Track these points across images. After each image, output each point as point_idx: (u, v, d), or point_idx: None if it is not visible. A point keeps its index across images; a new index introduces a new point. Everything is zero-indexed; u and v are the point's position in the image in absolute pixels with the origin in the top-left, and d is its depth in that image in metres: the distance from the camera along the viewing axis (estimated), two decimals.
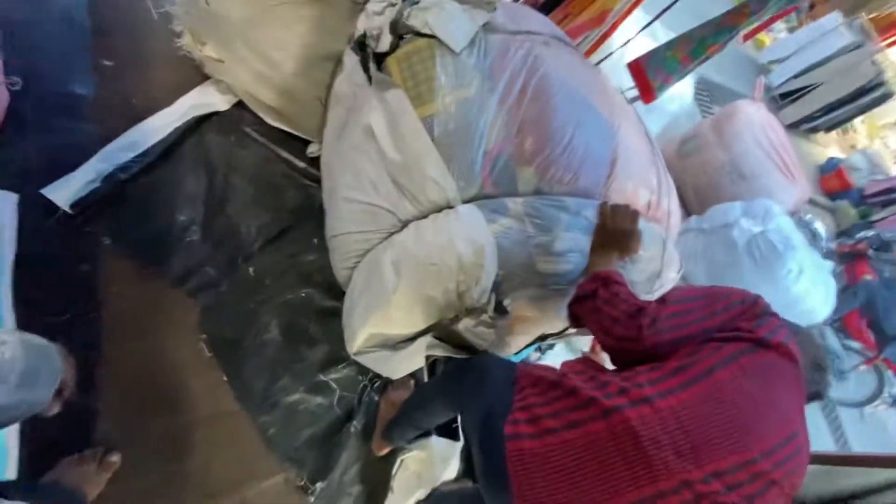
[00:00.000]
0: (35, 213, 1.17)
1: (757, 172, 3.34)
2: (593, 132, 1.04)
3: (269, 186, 1.55)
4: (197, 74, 1.52)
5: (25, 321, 1.10)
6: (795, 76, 5.68)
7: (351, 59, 1.09)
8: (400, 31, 0.97)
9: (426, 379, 1.51)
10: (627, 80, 1.48)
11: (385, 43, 0.98)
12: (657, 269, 1.14)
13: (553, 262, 0.97)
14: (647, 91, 1.43)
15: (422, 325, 1.03)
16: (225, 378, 1.30)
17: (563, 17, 1.52)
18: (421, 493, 1.40)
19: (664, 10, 1.42)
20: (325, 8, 1.10)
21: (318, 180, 1.57)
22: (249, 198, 1.51)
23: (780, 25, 6.34)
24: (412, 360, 1.06)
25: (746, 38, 3.58)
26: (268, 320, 1.40)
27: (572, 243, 0.98)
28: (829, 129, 6.11)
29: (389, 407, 1.42)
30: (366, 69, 1.02)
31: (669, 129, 3.44)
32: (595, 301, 0.81)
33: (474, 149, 0.94)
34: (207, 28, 1.29)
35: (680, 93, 2.94)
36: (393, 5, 1.04)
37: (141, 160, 1.34)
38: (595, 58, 1.74)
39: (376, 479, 1.43)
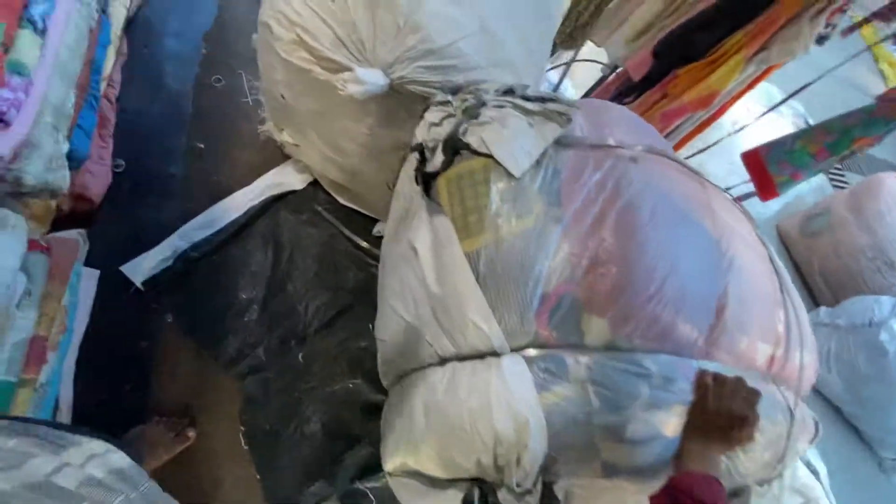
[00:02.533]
0: (111, 288, 1.22)
1: None
2: (695, 271, 0.82)
3: (331, 265, 1.51)
4: (279, 155, 1.57)
5: (82, 393, 1.11)
6: None
7: (411, 163, 1.01)
8: (455, 147, 0.86)
9: None
10: (737, 173, 1.23)
11: (437, 161, 0.87)
12: (780, 451, 0.84)
13: (624, 451, 0.74)
14: (767, 187, 1.17)
15: (455, 476, 0.84)
16: (257, 476, 1.21)
17: (661, 98, 1.33)
18: None
19: (795, 93, 1.16)
20: (393, 103, 1.04)
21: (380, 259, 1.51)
22: (312, 276, 1.47)
23: None
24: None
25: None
26: (310, 413, 1.31)
27: (653, 428, 0.73)
28: None
29: None
30: (417, 181, 0.92)
31: (793, 205, 2.96)
32: None
33: (529, 290, 0.76)
34: (284, 117, 1.32)
35: None
36: (451, 116, 0.93)
37: (214, 238, 1.37)
38: (696, 144, 1.51)
39: None
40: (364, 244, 1.56)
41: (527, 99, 0.90)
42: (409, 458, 0.88)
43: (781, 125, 2.38)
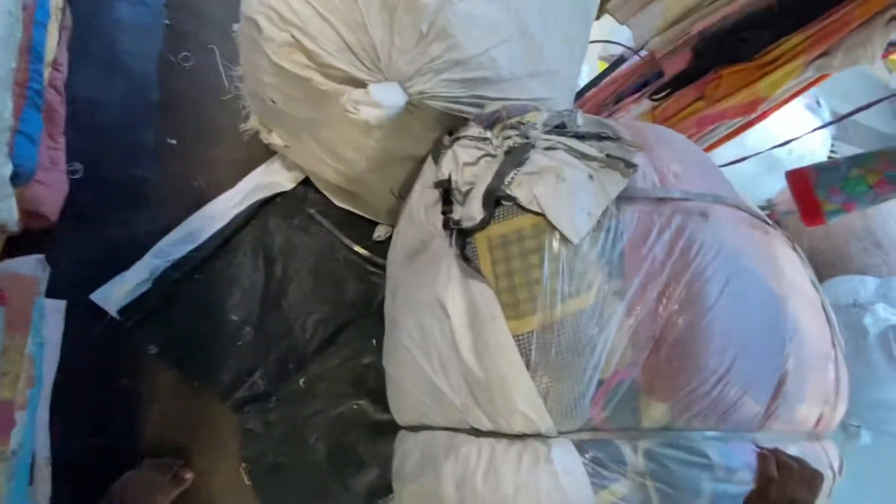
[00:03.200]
0: (81, 321, 1.07)
1: None
2: (762, 346, 0.74)
3: (329, 276, 1.38)
4: (264, 150, 1.37)
5: (62, 442, 1.00)
6: None
7: (432, 193, 0.86)
8: (498, 198, 0.72)
9: None
10: (769, 184, 1.12)
11: (473, 213, 0.73)
12: None
13: None
14: (814, 213, 1.08)
15: None
16: None
17: (696, 99, 1.20)
18: None
19: (854, 112, 1.03)
20: (408, 116, 0.88)
21: (382, 267, 1.39)
22: (308, 290, 1.34)
23: None
24: None
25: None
26: (314, 440, 1.24)
27: None
28: None
29: None
30: (449, 233, 0.78)
31: None
32: None
33: (586, 379, 0.67)
34: (273, 118, 1.13)
35: (812, 150, 2.44)
36: (490, 156, 0.78)
37: (196, 254, 1.21)
38: (728, 151, 1.39)
39: None
40: (363, 251, 1.43)
41: (581, 137, 0.76)
42: None
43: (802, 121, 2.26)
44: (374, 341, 1.36)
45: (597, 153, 0.73)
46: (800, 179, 1.09)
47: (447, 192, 0.80)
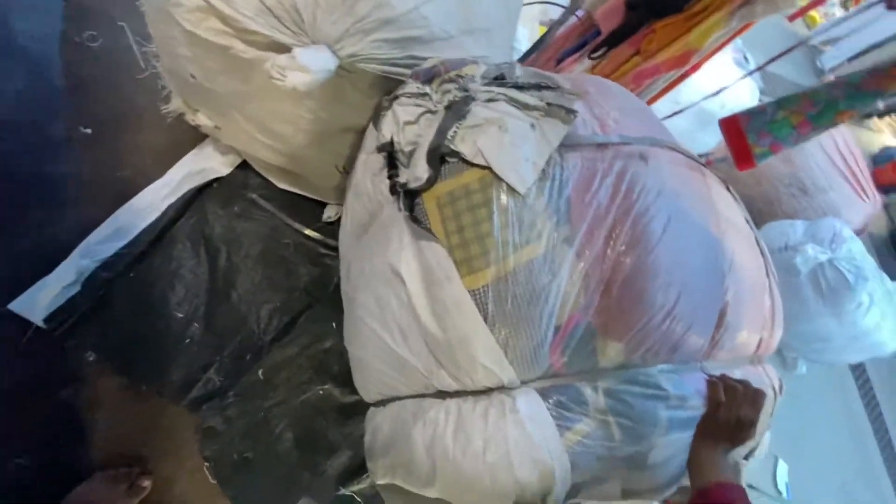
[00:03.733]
0: (4, 334, 0.97)
1: (822, 186, 2.96)
2: (703, 281, 0.78)
3: (279, 263, 1.32)
4: (194, 134, 1.28)
5: (3, 466, 0.92)
6: (851, 58, 5.15)
7: (376, 160, 0.83)
8: (443, 155, 0.70)
9: None
10: (703, 140, 1.16)
11: (419, 173, 0.70)
12: (766, 425, 0.89)
13: (644, 477, 0.72)
14: (745, 157, 1.13)
15: None
16: None
17: (633, 55, 1.21)
18: None
19: (779, 56, 1.08)
20: (340, 82, 0.83)
21: (335, 249, 1.34)
22: (258, 279, 1.28)
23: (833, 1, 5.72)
24: None
25: (794, 17, 3.12)
26: (281, 430, 1.20)
27: (672, 449, 0.72)
28: (882, 115, 5.58)
29: None
30: (396, 197, 0.75)
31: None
32: None
33: (543, 326, 0.68)
34: (197, 96, 1.04)
35: (742, 104, 2.56)
36: (430, 113, 0.75)
37: (129, 250, 1.12)
38: (663, 106, 1.43)
39: None
40: (313, 234, 1.37)
41: (521, 88, 0.74)
42: (410, 486, 0.82)
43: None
44: (334, 324, 1.33)
45: (537, 102, 0.72)
46: (731, 125, 1.14)
47: (391, 156, 0.77)
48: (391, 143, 0.76)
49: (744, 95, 2.59)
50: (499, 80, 0.77)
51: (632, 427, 0.69)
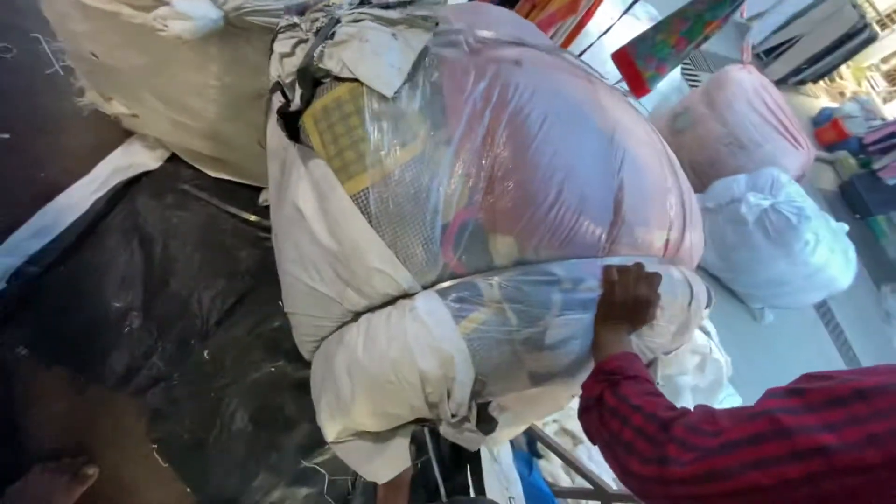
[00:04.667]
0: None
1: (757, 140, 3.11)
2: (591, 171, 0.79)
3: (218, 248, 1.33)
4: (119, 132, 1.30)
5: None
6: (776, 30, 5.49)
7: (274, 110, 0.86)
8: (315, 76, 0.73)
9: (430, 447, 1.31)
10: (615, 73, 1.26)
11: (297, 97, 0.75)
12: (683, 322, 0.92)
13: (546, 358, 0.73)
14: (638, 83, 1.21)
15: (394, 425, 0.81)
16: (189, 490, 1.09)
17: (531, 9, 1.29)
18: None
19: None
20: (239, 43, 0.87)
21: None
22: (196, 266, 1.29)
23: None
24: (395, 462, 0.84)
25: None
26: (233, 409, 1.19)
27: (569, 329, 0.73)
28: (816, 79, 5.92)
29: (389, 489, 1.21)
30: (282, 126, 0.79)
31: (660, 106, 3.21)
32: (602, 412, 0.58)
33: (428, 224, 0.69)
34: (105, 81, 1.07)
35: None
36: (303, 42, 0.77)
37: (56, 245, 1.12)
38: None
39: None
40: (252, 217, 1.39)
41: (386, 7, 0.78)
42: (345, 421, 0.82)
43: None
44: (280, 303, 1.34)
45: (399, 16, 0.76)
46: (622, 57, 1.22)
47: (283, 94, 0.81)
48: (278, 81, 0.80)
49: None
50: (365, 2, 0.81)
51: (526, 310, 0.70)
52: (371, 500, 1.24)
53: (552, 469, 1.49)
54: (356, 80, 0.70)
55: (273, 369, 1.28)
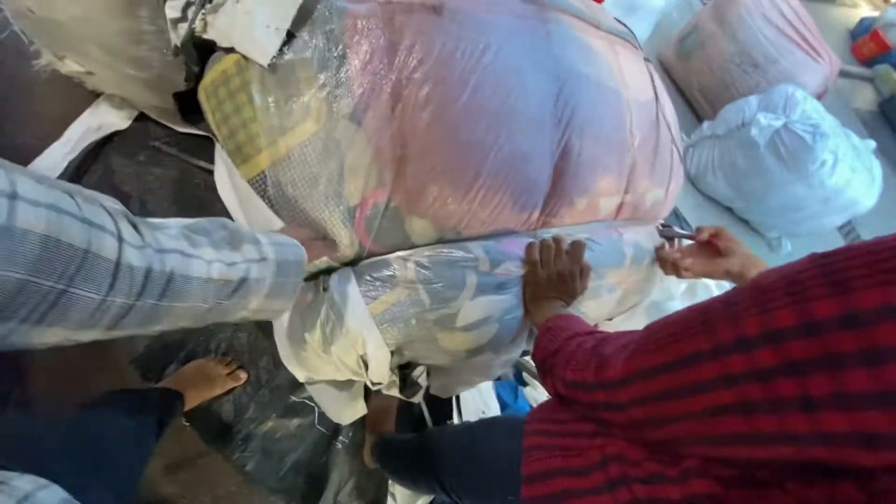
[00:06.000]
0: None
1: (772, 56, 2.87)
2: (524, 140, 0.70)
3: (193, 203, 1.37)
4: (85, 94, 1.32)
5: None
6: None
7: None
8: (203, 47, 0.67)
9: None
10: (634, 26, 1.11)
11: (189, 73, 0.70)
12: (635, 283, 0.89)
13: (460, 337, 0.71)
14: None
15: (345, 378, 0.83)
16: (186, 422, 1.19)
17: None
18: (425, 499, 1.28)
19: None
20: None
21: None
22: None
23: None
24: (355, 407, 0.89)
25: None
26: (223, 350, 1.27)
27: (484, 310, 0.70)
28: None
29: (377, 414, 1.28)
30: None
31: (662, 27, 2.98)
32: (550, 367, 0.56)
33: (333, 207, 0.65)
34: (52, 38, 1.08)
35: None
36: (191, 5, 0.68)
37: None
38: None
39: (374, 491, 1.32)
40: None
41: None
42: (299, 371, 0.86)
43: None
44: None
45: None
46: None
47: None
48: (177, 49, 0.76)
49: None
50: None
51: (438, 290, 0.68)
52: (360, 428, 1.32)
53: (536, 395, 1.53)
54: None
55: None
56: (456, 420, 1.33)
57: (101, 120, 1.31)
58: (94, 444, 0.65)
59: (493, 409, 1.37)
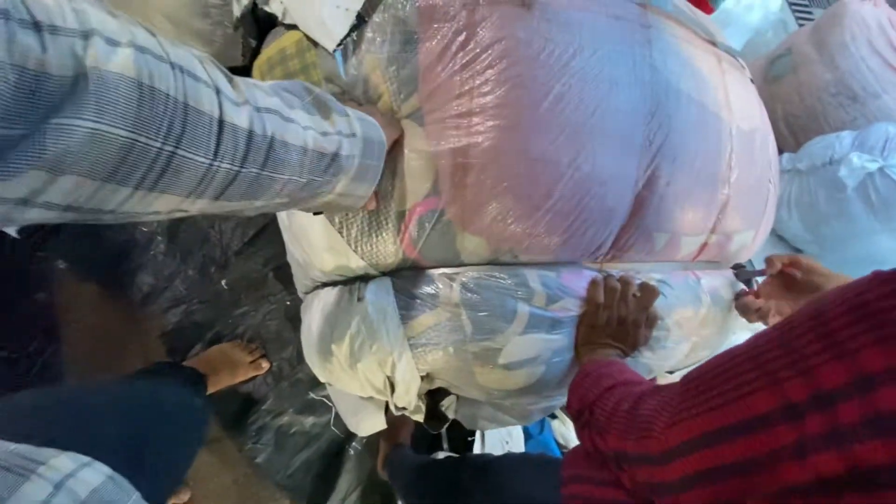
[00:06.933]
0: None
1: (874, 90, 2.56)
2: (607, 162, 0.59)
3: None
4: None
5: None
6: None
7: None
8: (262, 21, 0.62)
9: None
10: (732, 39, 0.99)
11: (245, 47, 0.64)
12: (709, 333, 0.77)
13: (499, 375, 0.62)
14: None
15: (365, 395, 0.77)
16: None
17: None
18: None
19: None
20: None
21: None
22: None
23: None
24: (374, 420, 0.83)
25: None
26: (248, 337, 1.25)
27: (531, 350, 0.61)
28: None
29: (394, 424, 1.22)
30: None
31: (753, 44, 2.75)
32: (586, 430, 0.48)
33: (380, 211, 0.59)
34: (115, 2, 1.08)
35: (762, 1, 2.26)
36: None
37: None
38: None
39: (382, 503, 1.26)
40: None
41: None
42: (323, 375, 0.81)
43: None
44: None
45: None
46: None
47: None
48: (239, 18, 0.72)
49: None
50: None
51: (483, 319, 0.60)
52: (375, 434, 1.27)
53: (564, 430, 1.42)
54: None
55: (288, 302, 1.31)
56: (477, 447, 1.24)
57: None
58: (151, 414, 0.62)
59: (517, 441, 1.28)
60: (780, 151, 2.83)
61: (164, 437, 0.61)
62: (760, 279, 0.84)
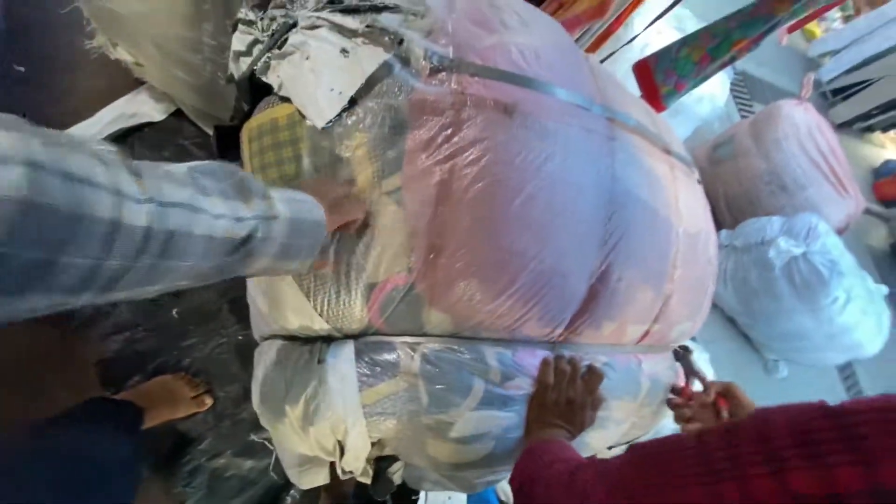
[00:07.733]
0: None
1: (801, 183, 2.90)
2: (566, 258, 0.65)
3: None
4: (129, 79, 1.31)
5: None
6: (850, 70, 5.11)
7: None
8: (260, 88, 0.65)
9: None
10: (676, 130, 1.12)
11: (237, 110, 0.67)
12: (648, 414, 0.83)
13: (449, 449, 0.65)
14: (654, 98, 1.11)
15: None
16: None
17: (557, 9, 1.22)
18: None
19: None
20: (233, 5, 0.85)
21: None
22: None
23: (834, 14, 5.68)
24: (316, 476, 0.81)
25: (790, 30, 3.11)
26: (194, 371, 1.19)
27: (483, 425, 0.64)
28: (886, 129, 5.49)
29: (336, 479, 1.18)
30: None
31: (701, 132, 3.04)
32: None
33: (351, 280, 0.60)
34: (111, 26, 1.06)
35: (711, 93, 2.53)
36: (261, 42, 0.67)
37: None
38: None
39: None
40: None
41: (355, 11, 0.63)
42: (269, 430, 0.79)
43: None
44: None
45: (360, 26, 0.61)
46: (643, 68, 1.12)
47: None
48: (232, 76, 0.72)
49: (715, 88, 2.58)
50: (334, 2, 0.66)
51: (440, 392, 0.62)
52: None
53: (504, 486, 1.43)
54: None
55: (240, 337, 1.27)
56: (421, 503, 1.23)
57: (138, 108, 1.28)
58: (84, 467, 0.59)
59: (460, 497, 1.28)
60: (719, 228, 3.09)
61: (94, 493, 0.58)
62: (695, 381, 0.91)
